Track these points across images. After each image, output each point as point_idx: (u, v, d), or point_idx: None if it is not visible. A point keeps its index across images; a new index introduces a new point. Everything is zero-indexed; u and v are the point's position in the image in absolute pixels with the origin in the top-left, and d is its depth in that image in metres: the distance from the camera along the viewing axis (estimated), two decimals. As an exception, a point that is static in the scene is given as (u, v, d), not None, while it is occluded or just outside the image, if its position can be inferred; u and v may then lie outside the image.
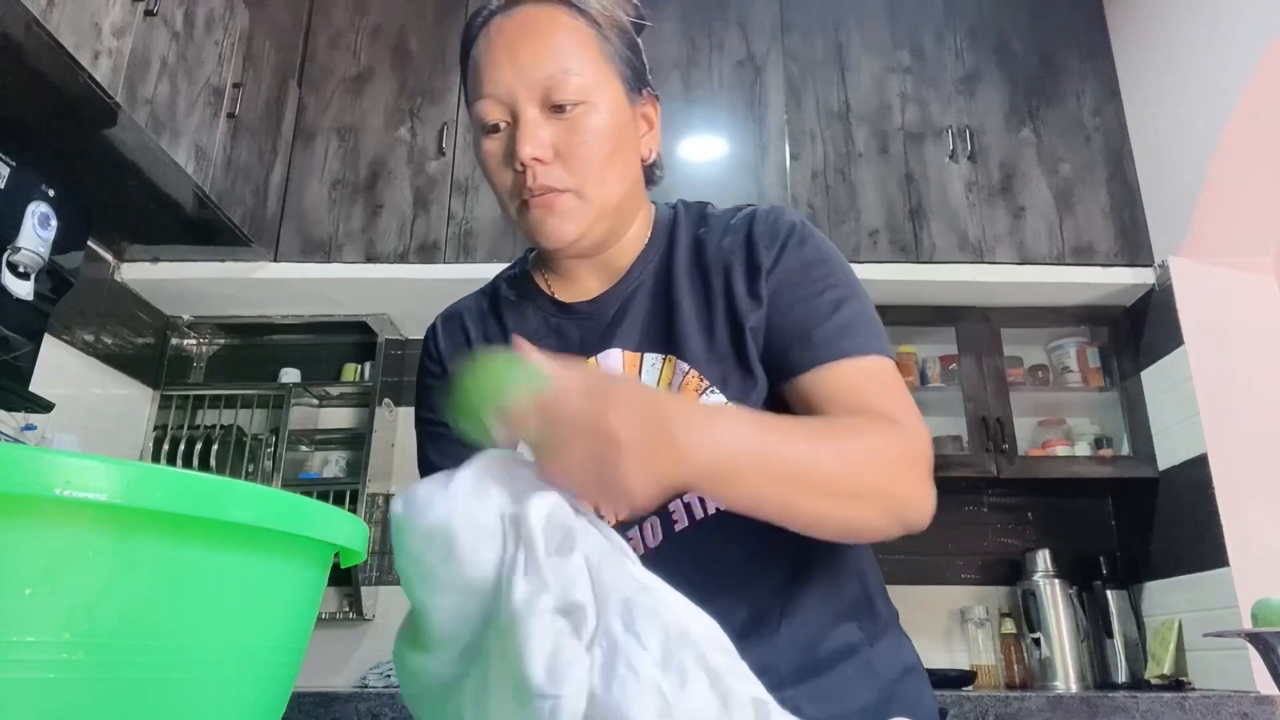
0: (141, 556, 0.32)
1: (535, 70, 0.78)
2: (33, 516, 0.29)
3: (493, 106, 0.79)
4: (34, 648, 0.29)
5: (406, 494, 0.55)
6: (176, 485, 0.32)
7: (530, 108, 0.78)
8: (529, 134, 0.77)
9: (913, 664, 0.85)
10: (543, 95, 0.78)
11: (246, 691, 0.37)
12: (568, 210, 0.79)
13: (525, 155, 0.76)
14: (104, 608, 0.31)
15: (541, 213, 0.79)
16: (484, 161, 0.82)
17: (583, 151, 0.78)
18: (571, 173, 0.78)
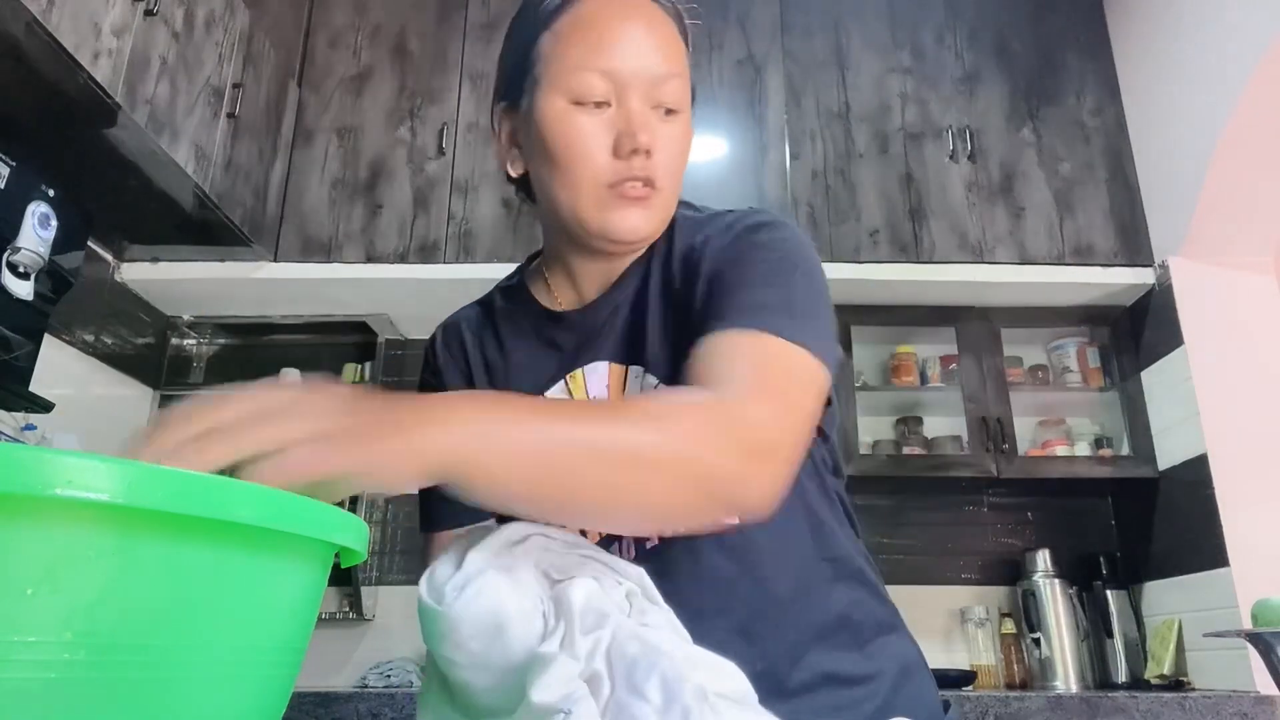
0: (143, 556, 0.32)
1: (656, 65, 0.76)
2: (34, 516, 0.29)
3: (601, 81, 0.75)
4: (35, 648, 0.29)
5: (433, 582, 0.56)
6: (178, 485, 0.32)
7: (640, 99, 0.76)
8: (646, 122, 0.75)
9: (912, 661, 0.85)
10: (653, 91, 0.76)
11: (247, 691, 0.37)
12: (655, 208, 0.78)
13: (644, 142, 0.74)
14: (105, 608, 0.31)
15: (632, 204, 0.76)
16: (570, 135, 0.75)
17: (674, 158, 0.78)
18: (665, 172, 0.77)
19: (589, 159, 0.75)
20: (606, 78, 0.75)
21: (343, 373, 2.86)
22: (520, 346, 0.87)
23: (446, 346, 0.92)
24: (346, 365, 2.87)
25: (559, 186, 0.78)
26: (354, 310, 2.78)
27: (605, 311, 0.83)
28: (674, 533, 0.76)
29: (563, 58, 0.76)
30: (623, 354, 0.82)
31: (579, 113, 0.76)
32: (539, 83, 0.78)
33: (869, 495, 2.70)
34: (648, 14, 0.78)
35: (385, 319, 2.81)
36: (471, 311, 0.94)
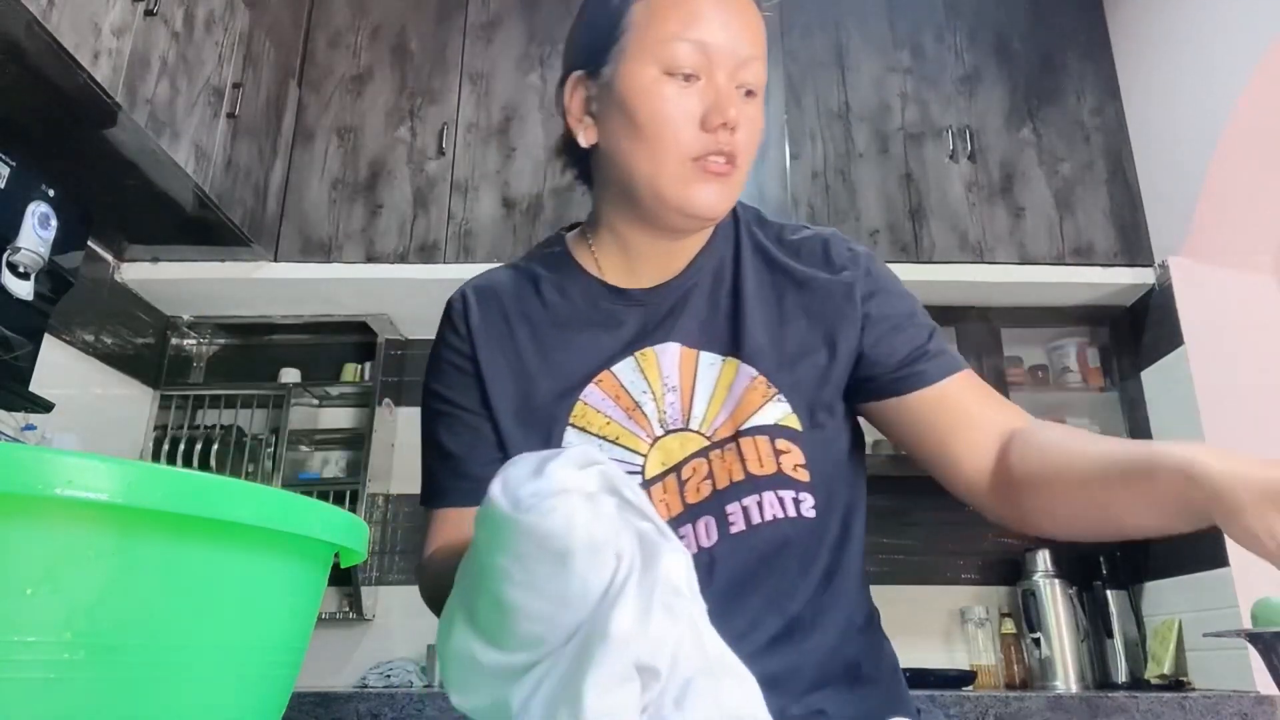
0: (142, 556, 0.32)
1: (744, 46, 0.77)
2: (34, 516, 0.29)
3: (694, 55, 0.75)
4: (35, 648, 0.29)
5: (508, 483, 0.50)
6: (177, 485, 0.32)
7: (726, 77, 0.76)
8: (732, 100, 0.76)
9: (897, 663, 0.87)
10: (738, 71, 0.77)
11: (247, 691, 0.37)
12: (732, 184, 0.78)
13: (734, 118, 0.75)
14: (105, 607, 0.31)
15: (714, 177, 0.77)
16: (659, 104, 0.76)
17: (752, 138, 0.79)
18: (745, 151, 0.78)
19: (677, 129, 0.75)
20: (699, 50, 0.75)
21: (343, 373, 2.86)
22: (575, 319, 0.84)
23: (482, 311, 0.86)
24: (346, 365, 2.87)
25: (641, 156, 0.77)
26: (354, 310, 2.78)
27: (676, 293, 0.84)
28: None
29: (656, 27, 0.76)
30: (697, 339, 0.82)
31: (668, 83, 0.76)
32: (627, 51, 0.78)
33: (869, 495, 2.69)
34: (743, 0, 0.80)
35: (385, 319, 2.81)
36: (505, 276, 0.89)
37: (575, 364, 0.82)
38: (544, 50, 2.82)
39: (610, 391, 0.81)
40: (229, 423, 2.70)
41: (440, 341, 0.87)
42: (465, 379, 0.84)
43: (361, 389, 2.78)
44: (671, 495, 0.78)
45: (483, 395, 0.83)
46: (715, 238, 0.87)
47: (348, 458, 2.79)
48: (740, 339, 0.81)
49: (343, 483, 2.65)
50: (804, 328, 0.82)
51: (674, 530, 0.77)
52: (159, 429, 2.70)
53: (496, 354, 0.84)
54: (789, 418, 0.79)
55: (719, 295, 0.84)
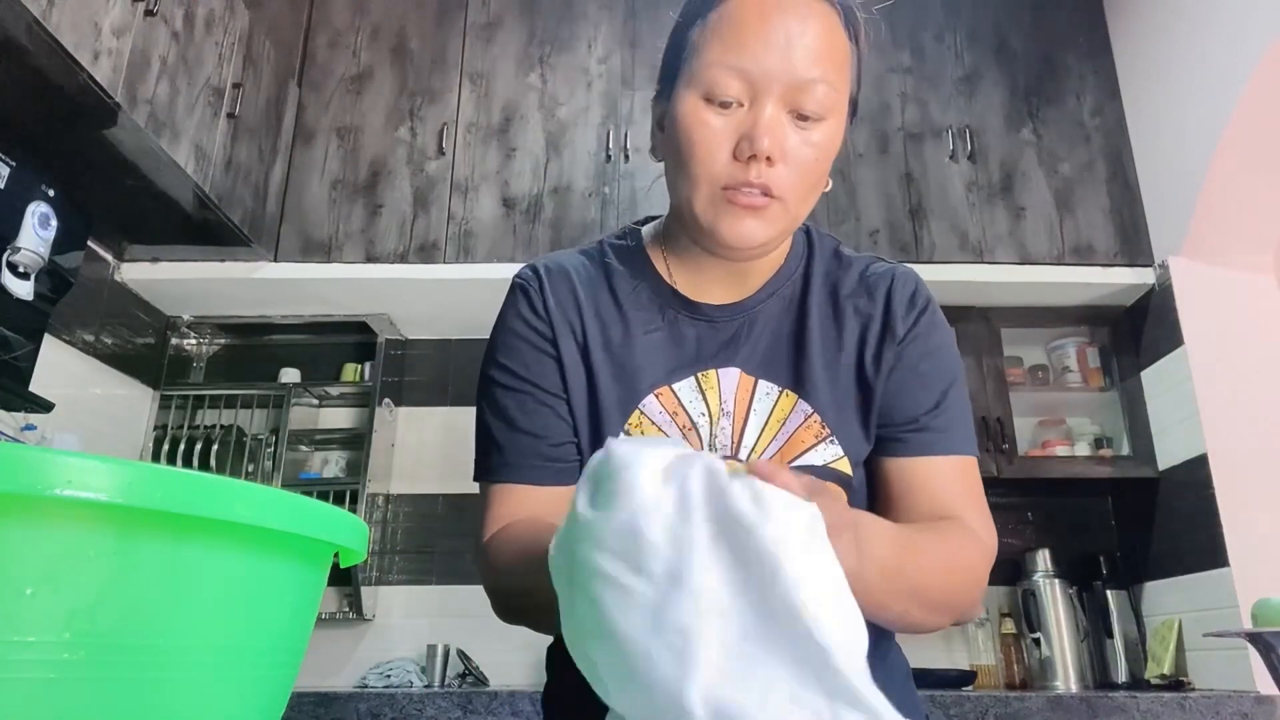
0: (142, 556, 0.32)
1: (800, 70, 0.72)
2: (34, 516, 0.29)
3: (738, 82, 0.72)
4: (35, 648, 0.29)
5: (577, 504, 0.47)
6: (177, 485, 0.32)
7: (775, 102, 0.72)
8: (774, 128, 0.72)
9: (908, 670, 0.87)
10: (793, 96, 0.72)
11: (247, 691, 0.37)
12: (772, 218, 0.74)
13: (765, 149, 0.71)
14: (105, 607, 0.31)
15: (744, 211, 0.73)
16: (695, 131, 0.74)
17: (806, 167, 0.74)
18: (788, 183, 0.74)
19: (708, 158, 0.74)
20: (741, 77, 0.72)
21: (343, 373, 2.86)
22: (645, 323, 0.83)
23: (556, 292, 0.84)
24: (346, 365, 2.87)
25: (680, 180, 0.77)
26: (354, 310, 2.78)
27: (744, 317, 0.83)
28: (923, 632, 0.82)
29: (704, 52, 0.75)
30: (758, 367, 0.81)
31: (708, 110, 0.74)
32: (682, 75, 0.77)
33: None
34: (803, 13, 0.73)
35: (385, 319, 2.81)
36: (577, 261, 0.87)
37: (639, 371, 0.81)
38: (544, 50, 2.82)
39: (669, 407, 0.80)
40: (229, 423, 2.70)
41: (515, 318, 0.84)
42: (544, 359, 0.82)
43: (361, 389, 2.78)
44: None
45: (562, 378, 0.82)
46: (789, 263, 0.85)
47: (348, 458, 2.79)
48: (801, 374, 0.81)
49: (343, 483, 2.65)
50: (858, 372, 0.82)
51: None
52: (159, 429, 2.70)
53: (569, 339, 0.82)
54: (840, 461, 0.79)
55: (784, 325, 0.83)
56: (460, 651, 2.52)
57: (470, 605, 2.62)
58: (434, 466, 2.80)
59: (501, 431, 0.82)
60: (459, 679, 2.49)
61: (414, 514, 2.77)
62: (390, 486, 2.78)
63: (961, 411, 0.82)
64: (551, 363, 0.82)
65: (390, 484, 2.78)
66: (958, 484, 0.79)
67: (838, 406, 0.80)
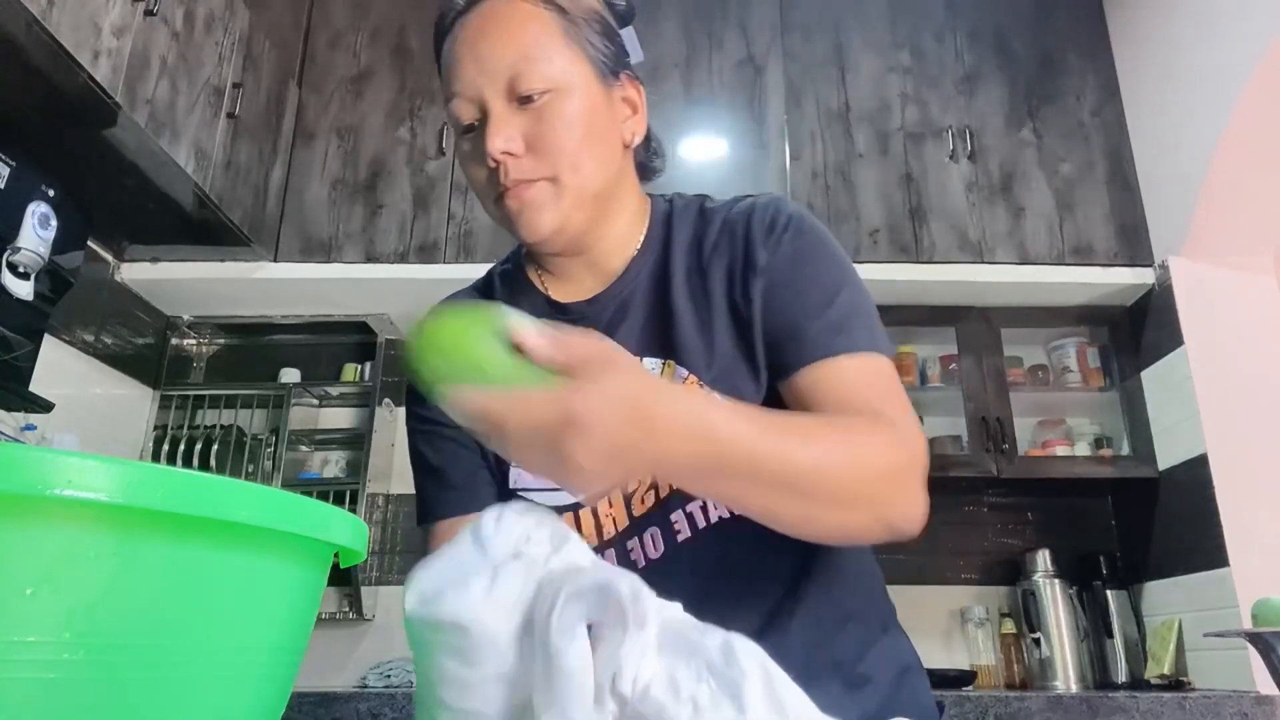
0: (143, 556, 0.32)
1: (497, 62, 0.75)
2: (35, 516, 0.29)
3: (464, 105, 0.76)
4: (35, 648, 0.29)
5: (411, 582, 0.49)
6: (178, 485, 0.32)
7: (497, 101, 0.75)
8: (497, 128, 0.74)
9: (911, 662, 0.84)
10: (508, 87, 0.75)
11: (247, 691, 0.37)
12: (543, 201, 0.76)
13: (495, 149, 0.74)
14: (105, 608, 0.31)
15: (516, 205, 0.76)
16: (461, 162, 0.81)
17: (554, 139, 0.75)
18: (544, 162, 0.75)
19: (474, 178, 0.79)
20: (464, 99, 0.76)
21: (343, 373, 2.86)
22: None
23: None
24: (346, 365, 2.87)
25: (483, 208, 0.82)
26: (354, 310, 2.78)
27: (613, 304, 0.82)
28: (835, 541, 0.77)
29: (444, 94, 0.80)
30: (637, 346, 0.81)
31: (462, 140, 0.79)
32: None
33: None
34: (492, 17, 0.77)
35: (385, 319, 2.81)
36: (470, 296, 0.92)
37: None
38: (544, 50, 2.81)
39: None
40: (229, 423, 2.70)
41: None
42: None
43: (361, 389, 2.78)
44: (618, 510, 0.78)
45: None
46: (650, 236, 0.85)
47: (347, 458, 2.79)
48: (673, 340, 0.80)
49: (343, 483, 2.65)
50: (725, 318, 0.79)
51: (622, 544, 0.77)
52: (159, 429, 2.70)
53: None
54: None
55: (653, 298, 0.82)
56: (460, 651, 2.51)
57: (470, 605, 2.62)
58: (434, 466, 2.80)
59: (419, 476, 0.87)
60: (459, 679, 2.49)
61: (414, 514, 2.76)
62: (390, 486, 2.78)
63: (857, 309, 0.76)
64: None
65: (390, 484, 2.78)
66: (865, 383, 0.72)
67: (714, 360, 0.78)
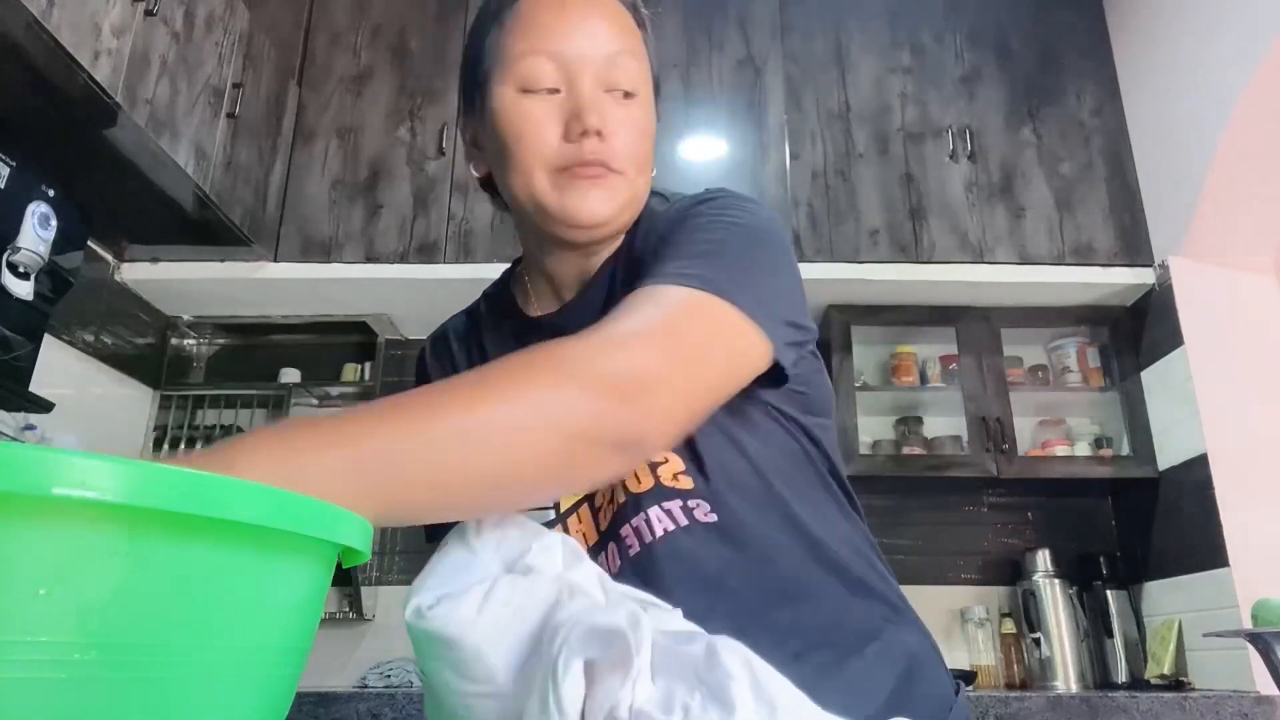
0: (152, 556, 0.32)
1: (601, 42, 0.74)
2: (45, 516, 0.30)
3: (547, 67, 0.73)
4: (46, 648, 0.29)
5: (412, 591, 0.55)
6: (188, 485, 0.32)
7: (591, 80, 0.73)
8: (597, 105, 0.72)
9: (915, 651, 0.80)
10: (604, 74, 0.74)
11: (253, 691, 0.37)
12: (614, 189, 0.74)
13: (594, 124, 0.71)
14: (115, 607, 0.31)
15: (588, 185, 0.73)
16: (519, 122, 0.74)
17: (633, 140, 0.75)
18: (619, 157, 0.74)
19: (540, 143, 0.73)
20: (554, 61, 0.73)
21: (343, 373, 2.86)
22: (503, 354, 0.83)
23: (437, 358, 0.90)
24: (346, 365, 2.87)
25: (513, 174, 0.75)
26: (354, 310, 2.78)
27: (579, 314, 0.78)
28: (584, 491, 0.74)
29: (509, 47, 0.75)
30: None
31: (527, 99, 0.74)
32: (489, 77, 0.76)
33: (869, 495, 2.69)
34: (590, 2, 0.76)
35: (385, 319, 2.81)
36: (459, 321, 0.92)
37: None
38: (544, 50, 2.82)
39: None
40: (229, 423, 2.70)
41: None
42: None
43: (361, 389, 2.78)
44: (587, 525, 0.77)
45: None
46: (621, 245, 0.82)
47: (348, 458, 2.79)
48: None
49: (343, 483, 2.65)
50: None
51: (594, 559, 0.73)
52: (159, 429, 2.70)
53: None
54: None
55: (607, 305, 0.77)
56: (460, 651, 2.52)
57: (470, 605, 2.62)
58: (434, 466, 2.80)
59: None
60: (459, 679, 2.49)
61: (414, 514, 2.77)
62: (390, 486, 2.77)
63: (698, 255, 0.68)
64: None
65: (390, 484, 2.78)
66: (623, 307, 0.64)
67: None
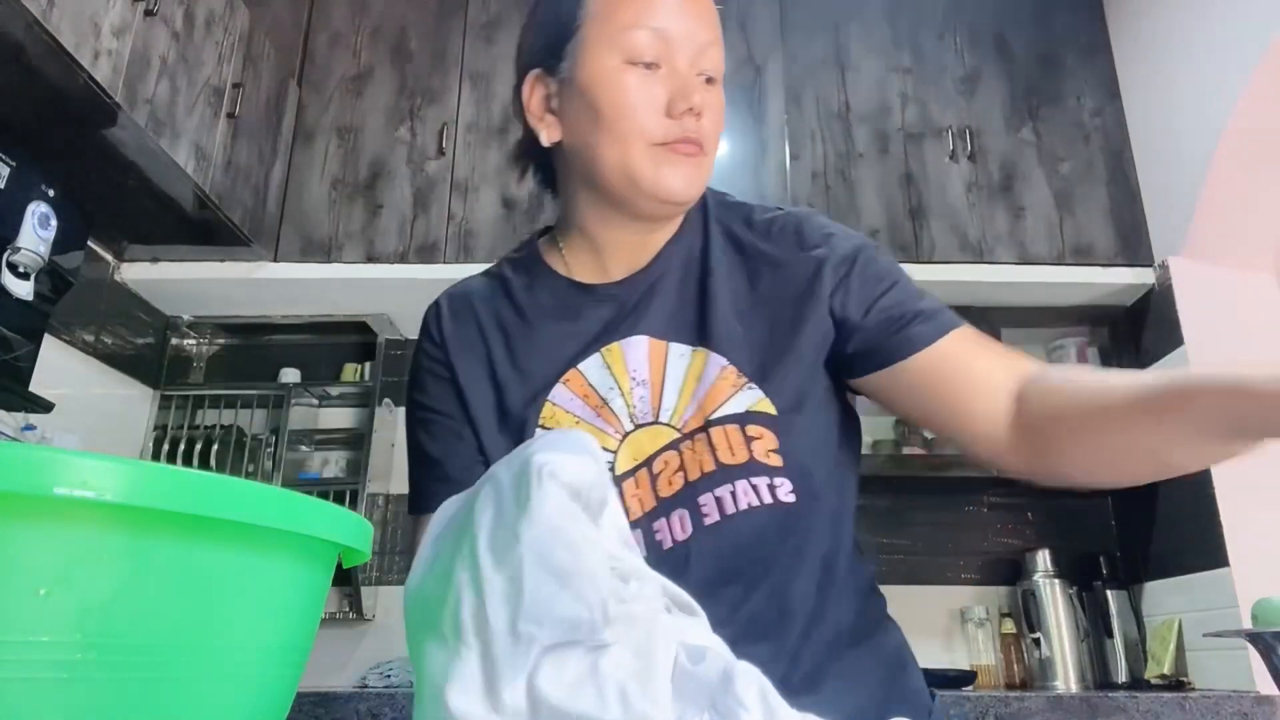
0: (153, 556, 0.32)
1: (702, 33, 0.79)
2: (47, 517, 0.30)
3: (654, 42, 0.77)
4: (48, 648, 0.29)
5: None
6: (189, 485, 0.32)
7: (687, 63, 0.78)
8: (697, 86, 0.78)
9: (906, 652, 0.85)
10: (697, 58, 0.78)
11: (254, 691, 0.37)
12: (702, 168, 0.79)
13: (699, 104, 0.76)
14: (117, 607, 0.31)
15: (683, 159, 0.78)
16: (623, 93, 0.77)
17: (716, 125, 0.80)
18: (711, 136, 0.79)
19: (642, 116, 0.76)
20: (659, 38, 0.77)
21: (343, 373, 2.86)
22: (544, 318, 0.85)
23: (455, 317, 0.88)
24: (346, 365, 2.87)
25: (607, 144, 0.78)
26: (354, 310, 2.78)
27: (644, 285, 0.84)
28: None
29: (615, 17, 0.78)
30: (665, 330, 0.82)
31: (630, 71, 0.77)
32: (586, 43, 0.79)
33: (869, 495, 2.70)
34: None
35: (385, 319, 2.81)
36: (478, 284, 0.91)
37: (543, 366, 0.82)
38: (544, 50, 2.81)
39: (578, 390, 0.81)
40: (229, 423, 2.70)
41: (418, 350, 0.89)
42: (442, 385, 0.85)
43: (361, 389, 2.78)
44: (644, 490, 0.78)
45: (461, 402, 0.83)
46: (684, 227, 0.86)
47: (348, 458, 2.79)
48: (709, 328, 0.80)
49: (343, 483, 2.65)
50: (775, 311, 0.81)
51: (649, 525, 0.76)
52: (159, 429, 2.70)
53: (472, 362, 0.84)
54: (761, 403, 0.77)
55: (688, 284, 0.83)
56: (460, 651, 2.51)
57: (470, 605, 2.62)
58: (434, 466, 2.80)
59: (417, 464, 0.85)
60: (459, 679, 2.49)
61: (414, 514, 2.77)
62: (390, 486, 2.78)
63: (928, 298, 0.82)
64: (448, 386, 0.84)
65: (390, 484, 2.78)
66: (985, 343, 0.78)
67: (754, 352, 0.79)
